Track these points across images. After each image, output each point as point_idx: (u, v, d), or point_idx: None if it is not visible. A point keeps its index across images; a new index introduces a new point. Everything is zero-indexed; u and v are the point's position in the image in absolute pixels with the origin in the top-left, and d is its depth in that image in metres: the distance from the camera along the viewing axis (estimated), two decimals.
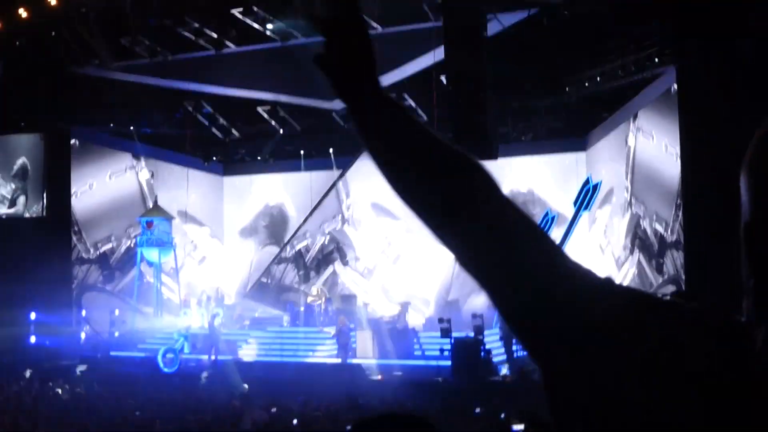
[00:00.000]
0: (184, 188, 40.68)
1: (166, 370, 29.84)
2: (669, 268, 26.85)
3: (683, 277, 25.26)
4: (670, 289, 25.50)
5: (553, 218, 31.90)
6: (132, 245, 37.38)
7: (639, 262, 29.68)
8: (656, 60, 27.70)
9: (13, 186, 35.65)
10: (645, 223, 29.07)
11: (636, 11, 25.79)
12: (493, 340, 29.06)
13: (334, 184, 39.39)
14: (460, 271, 1.83)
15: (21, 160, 35.44)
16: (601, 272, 1.95)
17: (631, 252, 30.41)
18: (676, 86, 25.24)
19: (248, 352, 31.49)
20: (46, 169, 35.19)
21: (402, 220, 36.23)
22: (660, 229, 27.62)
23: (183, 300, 36.93)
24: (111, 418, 19.22)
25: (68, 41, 32.01)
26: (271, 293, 39.63)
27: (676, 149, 25.03)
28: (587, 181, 31.97)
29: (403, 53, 29.40)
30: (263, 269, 41.10)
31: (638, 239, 29.74)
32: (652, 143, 27.92)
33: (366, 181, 37.24)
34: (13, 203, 35.52)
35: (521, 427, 13.67)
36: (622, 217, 31.23)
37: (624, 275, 30.29)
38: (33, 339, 32.75)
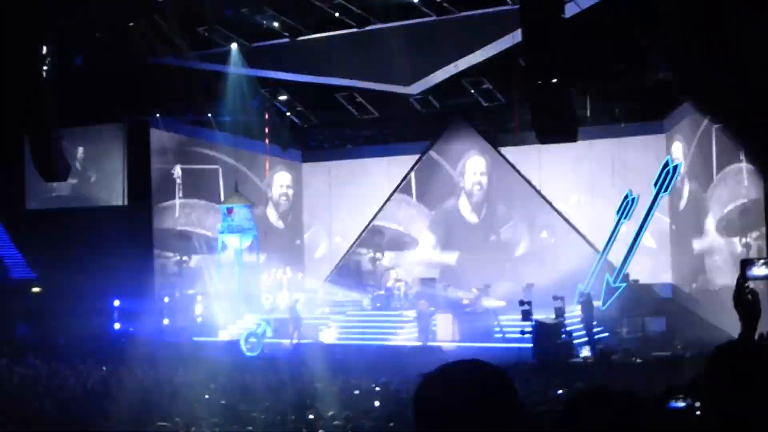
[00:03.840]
0: (262, 175, 40.98)
1: (248, 354, 30.11)
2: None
3: None
4: None
5: (633, 200, 31.67)
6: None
7: None
8: None
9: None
10: None
11: None
12: (573, 322, 29.00)
13: (411, 169, 39.36)
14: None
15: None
16: None
17: None
18: None
19: (329, 336, 31.68)
20: (127, 159, 35.60)
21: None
22: None
23: (265, 285, 37.19)
24: (191, 402, 19.40)
25: (146, 32, 32.18)
26: (352, 277, 39.73)
27: None
28: (667, 164, 31.69)
29: (482, 36, 29.41)
30: (343, 254, 41.28)
31: None
32: None
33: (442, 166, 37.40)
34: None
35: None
36: None
37: None
38: (117, 326, 33.20)
